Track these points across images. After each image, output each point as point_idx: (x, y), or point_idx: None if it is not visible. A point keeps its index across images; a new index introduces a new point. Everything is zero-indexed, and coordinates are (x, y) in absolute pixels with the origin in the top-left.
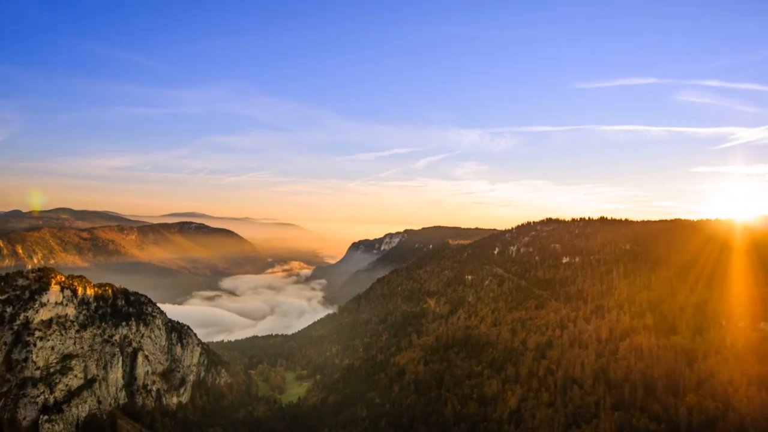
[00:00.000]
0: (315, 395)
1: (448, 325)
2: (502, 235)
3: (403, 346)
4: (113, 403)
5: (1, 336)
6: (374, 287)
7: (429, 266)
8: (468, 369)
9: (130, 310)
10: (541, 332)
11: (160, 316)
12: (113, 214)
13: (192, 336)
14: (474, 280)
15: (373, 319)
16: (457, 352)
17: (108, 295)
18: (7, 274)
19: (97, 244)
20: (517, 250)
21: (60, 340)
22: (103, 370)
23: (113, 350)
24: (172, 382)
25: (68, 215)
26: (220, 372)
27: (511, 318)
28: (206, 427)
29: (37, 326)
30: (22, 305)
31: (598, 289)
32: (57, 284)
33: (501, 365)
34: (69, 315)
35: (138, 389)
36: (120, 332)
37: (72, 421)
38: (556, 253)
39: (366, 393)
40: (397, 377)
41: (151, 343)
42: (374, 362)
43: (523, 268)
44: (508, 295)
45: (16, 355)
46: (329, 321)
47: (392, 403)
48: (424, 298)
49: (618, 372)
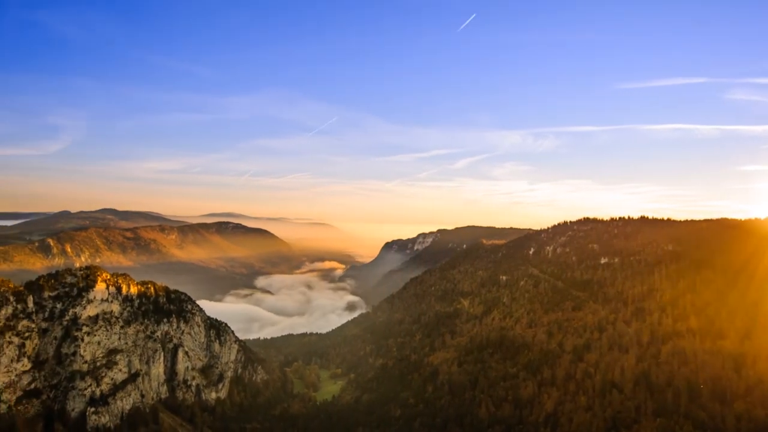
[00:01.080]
0: (349, 394)
1: (483, 326)
2: (537, 235)
3: (436, 346)
4: (155, 397)
5: (52, 331)
6: (407, 287)
7: (462, 266)
8: (503, 371)
9: (170, 308)
10: (579, 334)
11: (199, 313)
12: (155, 215)
13: (229, 333)
14: (509, 280)
15: (407, 318)
16: (491, 354)
17: (150, 292)
18: (57, 271)
19: (139, 243)
20: (553, 250)
21: (106, 336)
22: (146, 365)
23: (155, 346)
24: (211, 378)
25: (113, 216)
26: (257, 369)
27: (547, 319)
28: (243, 422)
29: (84, 322)
30: (70, 302)
31: (639, 291)
32: (103, 282)
33: (537, 367)
34: (114, 311)
35: (179, 384)
36: (161, 329)
37: (117, 414)
38: (594, 254)
39: (400, 393)
40: (430, 377)
41: (190, 339)
42: (408, 362)
43: (559, 269)
44: (544, 296)
45: (66, 349)
46: (363, 320)
47: (426, 403)
48: (458, 299)
49: (660, 377)
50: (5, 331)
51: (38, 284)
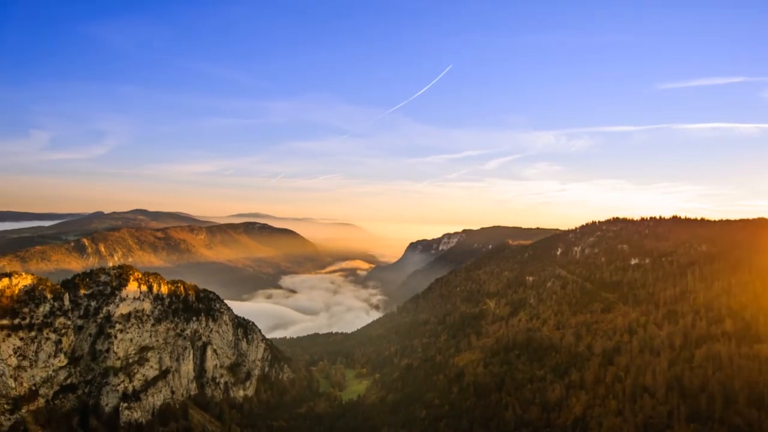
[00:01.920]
0: (374, 393)
1: (509, 327)
2: (565, 235)
3: (462, 347)
4: (185, 394)
5: (87, 328)
6: (432, 287)
7: (488, 267)
8: (530, 373)
9: (199, 306)
10: (608, 337)
11: (227, 312)
12: (184, 215)
13: (257, 332)
14: (535, 281)
15: (432, 319)
16: (518, 355)
17: (180, 291)
18: (91, 270)
19: (169, 243)
20: (581, 250)
21: (138, 333)
22: (176, 362)
23: (185, 344)
24: (239, 376)
25: (144, 216)
26: (283, 367)
27: (575, 321)
28: (270, 420)
29: (117, 319)
30: (104, 300)
31: (671, 293)
32: (135, 281)
33: (565, 370)
34: (145, 309)
35: (207, 381)
36: (191, 327)
37: (148, 409)
38: (624, 254)
39: (425, 393)
40: (456, 379)
41: (219, 337)
42: (433, 363)
43: (587, 270)
44: (572, 298)
45: (99, 345)
46: (387, 320)
47: (451, 404)
48: (484, 299)
49: (694, 381)
50: (43, 328)
51: (74, 283)
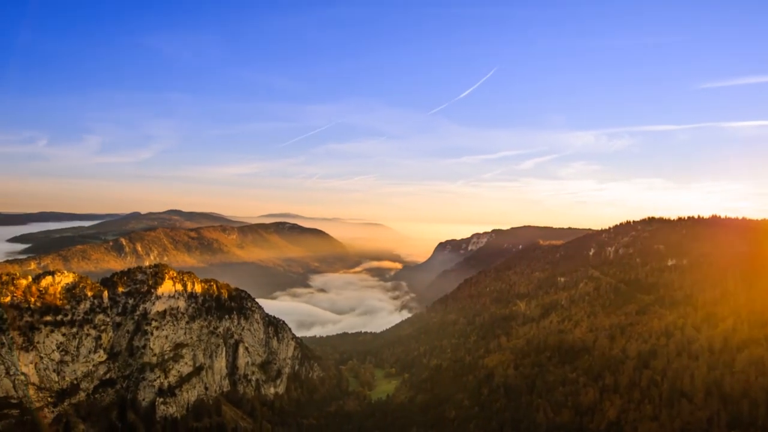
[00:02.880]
0: (403, 393)
1: (540, 329)
2: (598, 235)
3: (491, 348)
4: (218, 390)
5: (125, 324)
6: (461, 288)
7: (518, 267)
8: (562, 375)
9: (232, 305)
10: (644, 340)
11: (258, 310)
12: (216, 215)
13: (287, 330)
14: (567, 282)
15: (461, 320)
16: (549, 357)
17: (213, 290)
18: (129, 269)
19: (203, 243)
20: (615, 251)
21: (173, 330)
22: (209, 359)
23: (218, 341)
24: (270, 374)
25: (178, 216)
26: (313, 366)
27: (609, 323)
28: (300, 418)
29: (153, 317)
30: (141, 297)
31: (710, 295)
32: (170, 279)
33: (598, 373)
34: (180, 307)
35: (239, 378)
36: (223, 325)
37: (183, 405)
38: (660, 255)
39: (454, 394)
40: (486, 380)
41: (250, 335)
42: (462, 363)
43: (622, 271)
44: (606, 299)
45: (137, 342)
46: (416, 320)
47: (481, 406)
48: (514, 300)
49: (735, 386)
50: (84, 324)
51: (112, 281)
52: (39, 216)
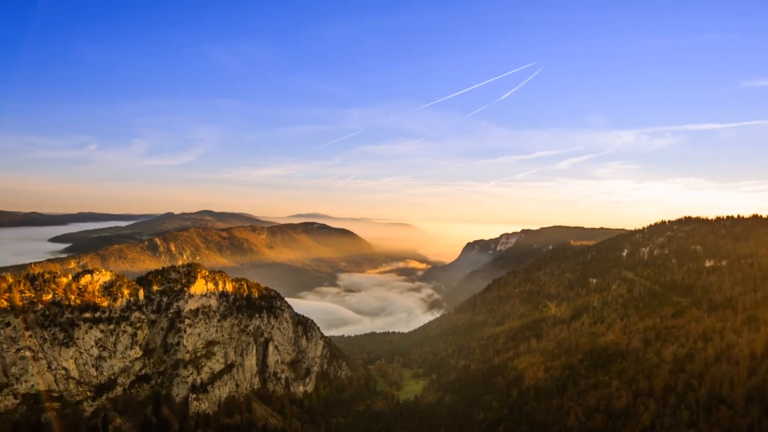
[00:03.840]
0: (431, 394)
1: (571, 331)
2: (631, 235)
3: (521, 350)
4: (248, 388)
5: (159, 322)
6: (490, 288)
7: (548, 268)
8: (594, 379)
9: (262, 304)
10: (680, 343)
11: (287, 309)
12: (247, 216)
13: (315, 329)
14: (599, 283)
15: (489, 320)
16: (581, 360)
17: (243, 289)
18: (163, 268)
19: (233, 242)
20: (649, 251)
21: (205, 328)
22: (240, 356)
23: (248, 339)
24: (299, 372)
25: (210, 217)
26: (341, 365)
27: (643, 326)
28: (329, 416)
29: (186, 315)
30: (174, 296)
31: (752, 298)
32: (202, 278)
33: (632, 377)
34: (212, 306)
35: (269, 376)
36: (254, 323)
37: (215, 401)
38: (698, 256)
39: (483, 396)
40: (515, 382)
41: (280, 334)
42: (491, 365)
43: (657, 272)
44: (640, 301)
45: (170, 339)
46: (444, 321)
47: (510, 408)
48: (544, 302)
49: None
50: (120, 321)
51: (147, 279)
52: (78, 216)
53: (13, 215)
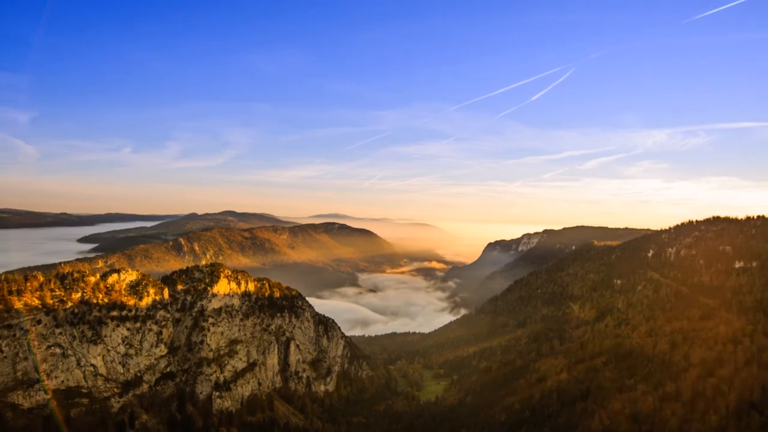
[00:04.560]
0: (452, 395)
1: (595, 333)
2: (657, 235)
3: (543, 351)
4: (270, 386)
5: (183, 320)
6: (512, 289)
7: (572, 268)
8: (618, 381)
9: (283, 303)
10: (709, 347)
11: (308, 309)
12: (268, 216)
13: (336, 329)
14: (624, 284)
15: (511, 322)
16: (605, 363)
17: (265, 288)
18: (187, 268)
19: (255, 242)
20: (676, 252)
21: (228, 327)
22: (262, 355)
23: (270, 338)
24: (320, 371)
25: (233, 217)
26: (362, 365)
27: (669, 328)
28: (350, 416)
29: (210, 314)
30: (198, 295)
31: None
32: (225, 278)
33: (658, 380)
34: (234, 305)
35: (291, 375)
36: (275, 322)
37: (238, 399)
38: (727, 257)
39: (504, 397)
40: (537, 384)
41: (301, 333)
42: (513, 366)
43: (684, 273)
44: (666, 303)
45: (194, 337)
46: (465, 322)
47: (533, 410)
48: (567, 303)
49: None
50: (146, 320)
51: (172, 279)
52: (106, 217)
53: (44, 216)
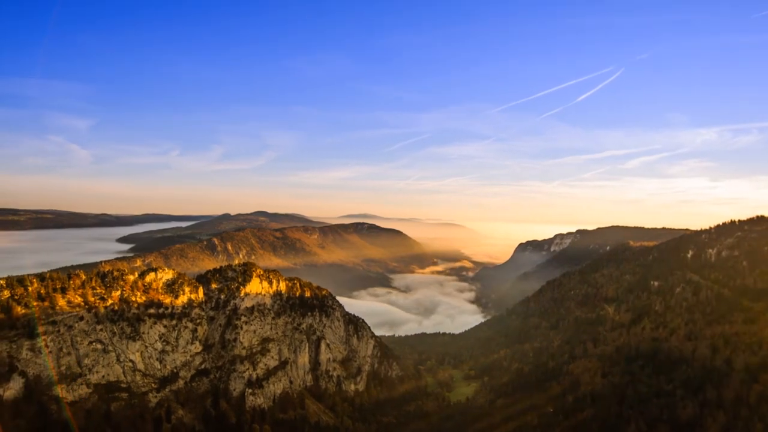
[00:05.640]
0: (483, 396)
1: (631, 336)
2: (696, 236)
3: (577, 354)
4: (302, 384)
5: (217, 319)
6: (543, 290)
7: (606, 269)
8: (656, 387)
9: (314, 302)
10: (753, 351)
11: (339, 308)
12: (299, 216)
13: (366, 329)
14: (661, 286)
15: (543, 323)
16: (642, 367)
17: (296, 288)
18: (220, 267)
19: (287, 242)
20: (717, 253)
21: (260, 325)
22: (294, 354)
23: (301, 337)
24: (350, 371)
25: (265, 217)
26: (392, 365)
27: (710, 332)
28: (380, 415)
29: (243, 312)
30: (231, 294)
31: None
32: (257, 277)
33: (699, 386)
34: (266, 304)
35: (321, 374)
36: (306, 321)
37: (270, 396)
38: None
39: (537, 400)
40: (571, 387)
41: (331, 332)
42: (545, 369)
43: (725, 275)
44: (707, 306)
45: (228, 335)
46: (496, 323)
47: (566, 414)
48: (601, 304)
49: None
50: (182, 317)
51: (206, 278)
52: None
53: (86, 217)
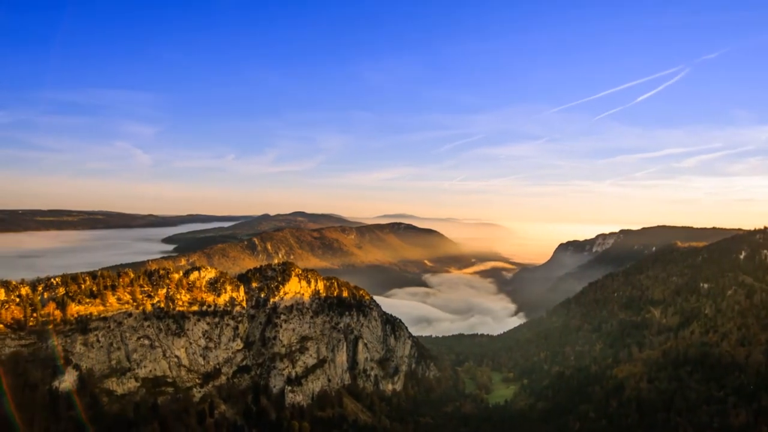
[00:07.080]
0: (522, 399)
1: (678, 340)
2: (750, 236)
3: (621, 358)
4: (339, 383)
5: (258, 317)
6: (585, 292)
7: (652, 271)
8: (706, 393)
9: (351, 302)
10: None
11: (376, 308)
12: (336, 216)
13: (403, 329)
14: (712, 289)
15: (585, 326)
16: (690, 372)
17: (334, 287)
18: (260, 266)
19: (324, 242)
20: None
21: (299, 324)
22: (332, 352)
23: (339, 336)
24: (387, 370)
25: (303, 218)
26: (429, 365)
27: (765, 337)
28: (417, 416)
29: (282, 311)
30: (271, 292)
31: None
32: (296, 277)
33: (752, 393)
34: (305, 303)
35: (359, 373)
36: (344, 321)
37: (309, 394)
38: None
39: (578, 404)
40: (614, 392)
41: (369, 332)
42: (587, 373)
43: None
44: (761, 310)
45: (268, 333)
46: (536, 324)
47: (609, 419)
48: (647, 307)
49: None
50: (224, 315)
51: (247, 277)
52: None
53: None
